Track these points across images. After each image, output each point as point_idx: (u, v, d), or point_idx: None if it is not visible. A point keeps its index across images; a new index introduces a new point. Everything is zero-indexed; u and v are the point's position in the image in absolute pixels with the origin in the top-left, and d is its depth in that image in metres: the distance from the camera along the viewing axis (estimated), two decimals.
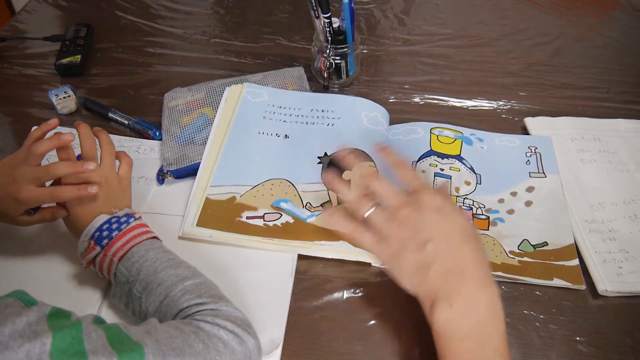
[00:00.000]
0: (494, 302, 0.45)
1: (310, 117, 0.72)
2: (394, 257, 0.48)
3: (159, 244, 0.54)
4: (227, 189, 0.64)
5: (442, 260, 0.46)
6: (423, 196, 0.49)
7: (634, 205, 0.66)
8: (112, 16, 1.00)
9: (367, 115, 0.71)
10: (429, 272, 0.45)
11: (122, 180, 0.58)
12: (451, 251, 0.46)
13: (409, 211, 0.48)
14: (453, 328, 0.43)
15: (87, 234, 0.52)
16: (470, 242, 0.47)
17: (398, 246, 0.48)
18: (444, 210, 0.48)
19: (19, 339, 0.34)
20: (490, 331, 0.43)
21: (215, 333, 0.44)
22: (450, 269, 0.45)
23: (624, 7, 1.04)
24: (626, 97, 0.83)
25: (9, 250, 0.60)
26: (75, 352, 0.35)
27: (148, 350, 0.39)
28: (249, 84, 0.76)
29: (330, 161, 0.66)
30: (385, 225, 0.49)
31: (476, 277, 0.45)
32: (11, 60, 0.89)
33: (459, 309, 0.44)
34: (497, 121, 0.78)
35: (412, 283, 0.47)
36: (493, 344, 0.43)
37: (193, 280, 0.49)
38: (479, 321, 0.43)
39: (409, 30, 0.97)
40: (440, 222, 0.48)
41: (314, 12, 0.73)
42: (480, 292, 0.45)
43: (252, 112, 0.72)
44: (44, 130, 0.55)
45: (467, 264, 0.46)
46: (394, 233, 0.48)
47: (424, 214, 0.48)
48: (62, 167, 0.52)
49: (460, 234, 0.47)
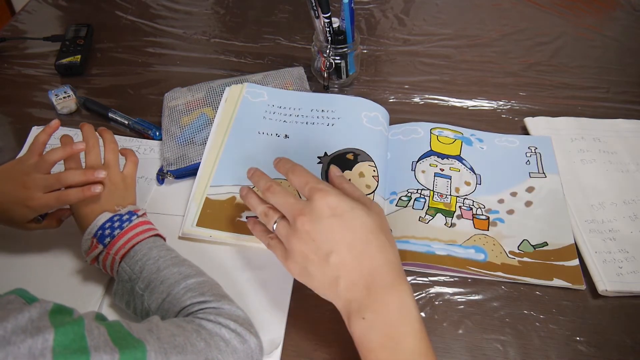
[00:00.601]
0: (403, 302, 0.44)
1: (310, 117, 0.72)
2: (303, 273, 0.47)
3: (162, 242, 0.54)
4: (227, 188, 0.64)
5: (347, 273, 0.44)
6: (316, 202, 0.46)
7: (634, 205, 0.66)
8: (112, 16, 1.00)
9: (367, 115, 0.71)
10: (338, 286, 0.45)
11: (126, 179, 0.58)
12: (355, 260, 0.44)
13: (304, 221, 0.46)
14: (368, 338, 0.43)
15: (90, 232, 0.52)
16: (373, 241, 0.45)
17: (303, 261, 0.46)
18: (339, 211, 0.46)
19: (21, 335, 0.34)
20: (403, 332, 0.43)
21: (217, 332, 0.44)
22: (357, 281, 0.44)
23: (624, 7, 1.04)
24: (626, 97, 0.83)
25: (11, 247, 0.60)
26: (78, 348, 0.35)
27: (150, 347, 0.39)
28: (249, 84, 0.76)
29: (330, 161, 0.66)
30: (288, 240, 0.47)
31: (383, 282, 0.44)
32: (11, 60, 0.89)
33: (370, 319, 0.43)
34: (497, 121, 0.78)
35: (328, 297, 0.46)
36: (408, 345, 0.42)
37: (196, 279, 0.49)
38: (391, 326, 0.43)
39: (409, 30, 0.97)
40: (338, 228, 0.45)
41: (314, 12, 0.73)
42: (389, 296, 0.44)
43: (252, 112, 0.72)
44: (48, 132, 0.56)
45: (372, 269, 0.44)
46: (296, 247, 0.46)
47: (320, 223, 0.45)
48: (75, 175, 0.53)
49: (361, 236, 0.45)
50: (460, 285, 0.58)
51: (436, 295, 0.58)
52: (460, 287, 0.58)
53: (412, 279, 0.59)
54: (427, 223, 0.62)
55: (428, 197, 0.65)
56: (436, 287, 0.58)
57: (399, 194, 0.66)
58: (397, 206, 0.64)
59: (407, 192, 0.66)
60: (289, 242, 0.47)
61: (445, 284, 0.59)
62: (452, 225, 0.63)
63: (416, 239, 0.61)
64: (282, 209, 0.49)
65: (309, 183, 0.48)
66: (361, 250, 0.45)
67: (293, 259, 0.47)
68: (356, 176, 0.64)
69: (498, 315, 0.56)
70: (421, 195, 0.65)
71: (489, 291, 0.58)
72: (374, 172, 0.65)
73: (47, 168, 0.53)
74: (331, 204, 0.46)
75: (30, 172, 0.52)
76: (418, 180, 0.67)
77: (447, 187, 0.67)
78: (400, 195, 0.66)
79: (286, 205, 0.48)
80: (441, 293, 0.58)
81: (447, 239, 0.61)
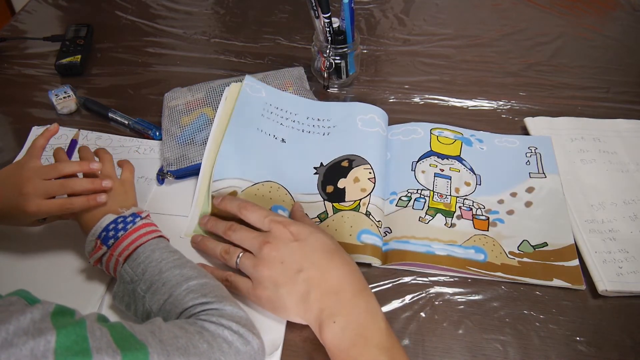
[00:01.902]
0: (370, 304, 0.48)
1: (306, 125, 0.72)
2: (273, 299, 0.50)
3: (165, 244, 0.54)
4: (229, 182, 0.64)
5: (317, 286, 0.49)
6: (276, 232, 0.52)
7: (634, 205, 0.66)
8: (112, 16, 1.00)
9: (362, 119, 0.71)
10: (309, 300, 0.48)
11: (125, 184, 0.59)
12: (322, 274, 0.49)
13: (270, 249, 0.51)
14: (339, 339, 0.46)
15: (94, 233, 0.53)
16: (335, 257, 0.51)
17: (273, 285, 0.50)
18: (302, 236, 0.51)
19: (23, 336, 0.34)
20: (372, 330, 0.46)
21: (220, 333, 0.44)
22: (327, 291, 0.48)
23: (624, 7, 1.04)
24: (626, 97, 0.83)
25: (11, 247, 0.60)
26: (80, 350, 0.35)
27: (152, 350, 0.39)
28: (249, 76, 0.75)
29: (326, 171, 0.66)
30: (256, 269, 0.51)
31: (351, 288, 0.49)
32: (11, 60, 0.89)
33: (342, 321, 0.47)
34: (497, 121, 0.78)
35: (299, 315, 0.50)
36: (376, 341, 0.46)
37: (198, 280, 0.49)
38: (360, 326, 0.46)
39: (409, 30, 0.97)
40: (303, 250, 0.51)
41: (314, 12, 0.73)
42: (357, 300, 0.48)
43: (251, 107, 0.72)
44: (47, 136, 0.58)
45: (339, 279, 0.49)
46: (265, 274, 0.50)
47: (286, 248, 0.51)
48: (82, 183, 0.54)
49: (323, 254, 0.51)
50: (460, 285, 0.58)
51: (436, 295, 0.58)
52: (460, 287, 0.58)
53: (412, 279, 0.59)
54: (427, 223, 0.63)
55: (428, 198, 0.65)
56: (436, 287, 0.58)
57: (399, 194, 0.66)
58: (397, 206, 0.64)
59: (407, 192, 0.66)
60: (257, 271, 0.51)
61: (445, 284, 0.59)
62: (452, 226, 0.63)
63: (416, 239, 0.61)
64: (245, 243, 0.53)
65: (268, 216, 0.54)
66: (326, 265, 0.50)
67: (262, 285, 0.51)
68: (351, 182, 0.64)
69: (498, 315, 0.56)
70: (421, 196, 0.65)
71: (489, 291, 0.58)
72: (370, 174, 0.65)
73: (54, 177, 0.54)
74: (293, 231, 0.52)
75: (31, 177, 0.52)
76: (418, 180, 0.67)
77: (447, 187, 0.67)
78: (400, 195, 0.66)
79: (249, 239, 0.53)
80: (441, 293, 0.58)
81: (447, 239, 0.61)
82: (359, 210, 0.62)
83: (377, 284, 0.58)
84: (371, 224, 0.61)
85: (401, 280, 0.59)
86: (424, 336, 0.54)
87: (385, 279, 0.59)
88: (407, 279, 0.59)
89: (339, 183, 0.65)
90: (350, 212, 0.62)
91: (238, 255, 0.53)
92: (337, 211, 0.62)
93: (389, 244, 0.61)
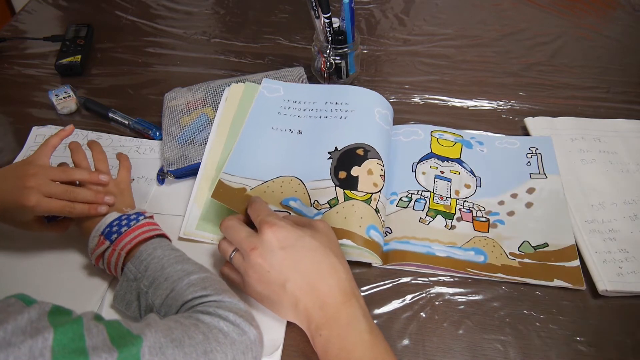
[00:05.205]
0: (352, 316, 0.48)
1: (324, 111, 0.71)
2: (265, 299, 0.51)
3: (167, 242, 0.55)
4: (239, 179, 0.64)
5: (303, 297, 0.49)
6: (265, 235, 0.51)
7: (634, 205, 0.66)
8: (112, 16, 1.00)
9: (379, 112, 0.70)
10: (298, 310, 0.49)
11: (120, 184, 0.60)
12: (308, 284, 0.49)
13: (257, 255, 0.50)
14: (325, 352, 0.47)
15: (98, 230, 0.54)
16: (323, 264, 0.50)
17: (262, 289, 0.51)
18: (288, 242, 0.50)
19: (21, 336, 0.34)
20: (353, 342, 0.46)
21: (216, 325, 0.44)
22: (313, 303, 0.48)
23: (624, 7, 1.04)
24: (626, 97, 0.83)
25: (11, 247, 0.60)
26: (76, 348, 0.36)
27: (146, 341, 0.39)
28: (266, 79, 0.76)
29: (340, 156, 0.66)
30: (245, 271, 0.52)
31: (335, 301, 0.48)
32: (11, 60, 0.89)
33: (325, 335, 0.47)
34: (497, 121, 0.78)
35: (292, 319, 0.51)
36: (358, 354, 0.46)
37: (199, 275, 0.50)
38: (342, 339, 0.47)
39: (409, 30, 0.97)
40: (288, 259, 0.50)
41: (314, 12, 0.73)
42: (339, 313, 0.48)
43: (268, 108, 0.72)
44: (62, 136, 0.59)
45: (325, 290, 0.49)
46: (253, 277, 0.51)
47: (272, 256, 0.50)
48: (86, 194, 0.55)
49: (311, 261, 0.50)
50: (461, 285, 0.58)
51: (436, 295, 0.58)
52: (461, 287, 0.58)
53: (412, 278, 0.59)
54: (427, 224, 0.62)
55: (428, 199, 0.65)
56: (436, 287, 0.58)
57: (400, 195, 0.66)
58: (397, 207, 0.64)
59: (408, 192, 0.66)
60: (246, 273, 0.51)
61: (446, 284, 0.59)
62: (452, 227, 0.63)
63: (417, 240, 0.61)
64: (234, 244, 0.53)
65: (260, 215, 0.53)
66: (314, 274, 0.49)
67: (251, 287, 0.52)
68: (365, 173, 0.63)
69: (498, 316, 0.56)
70: (421, 197, 0.65)
71: (489, 291, 0.58)
72: (382, 171, 0.65)
73: (61, 180, 0.55)
74: (279, 236, 0.50)
75: (37, 174, 0.53)
76: (418, 181, 0.67)
77: (447, 189, 0.67)
78: (400, 196, 0.66)
79: (238, 241, 0.53)
80: (441, 293, 0.58)
81: (447, 240, 0.61)
82: (370, 204, 0.61)
83: (377, 284, 0.58)
84: (379, 222, 0.61)
85: (401, 280, 0.59)
86: (424, 336, 0.54)
87: (385, 279, 0.59)
88: (407, 279, 0.59)
89: (353, 170, 0.63)
90: (362, 202, 0.61)
91: (232, 251, 0.53)
92: (348, 199, 0.61)
93: (390, 244, 0.61)
